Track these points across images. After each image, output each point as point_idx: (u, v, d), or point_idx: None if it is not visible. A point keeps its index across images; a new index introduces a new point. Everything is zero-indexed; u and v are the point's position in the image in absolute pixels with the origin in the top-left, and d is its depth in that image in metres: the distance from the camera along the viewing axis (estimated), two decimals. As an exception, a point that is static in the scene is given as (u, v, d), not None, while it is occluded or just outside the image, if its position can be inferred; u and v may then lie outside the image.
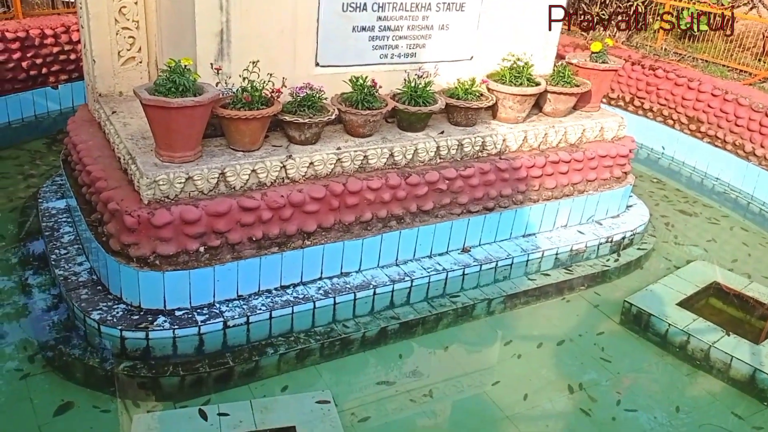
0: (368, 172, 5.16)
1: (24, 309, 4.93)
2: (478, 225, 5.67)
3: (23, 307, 4.95)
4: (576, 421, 4.48)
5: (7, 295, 5.09)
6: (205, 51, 4.70)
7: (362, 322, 4.99)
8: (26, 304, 4.97)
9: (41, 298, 4.98)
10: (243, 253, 4.72)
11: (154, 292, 4.52)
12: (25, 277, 5.24)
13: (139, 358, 4.42)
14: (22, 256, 5.52)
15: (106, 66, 5.52)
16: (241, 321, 4.64)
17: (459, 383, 4.72)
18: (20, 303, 4.99)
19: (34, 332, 4.71)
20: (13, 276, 5.30)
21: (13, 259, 5.51)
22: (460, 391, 4.66)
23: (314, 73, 5.18)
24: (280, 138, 5.05)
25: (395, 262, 5.38)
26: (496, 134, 5.66)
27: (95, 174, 4.83)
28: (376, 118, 5.18)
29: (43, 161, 7.27)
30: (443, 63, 5.68)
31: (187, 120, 4.39)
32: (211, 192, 4.61)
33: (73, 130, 5.59)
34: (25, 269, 5.34)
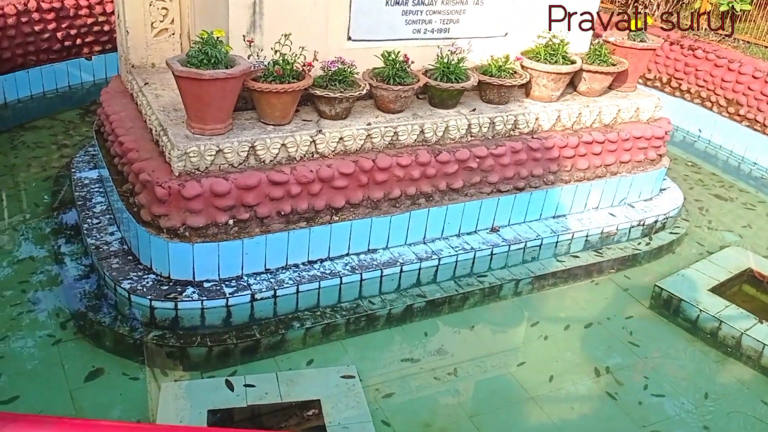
0: (398, 148, 5.12)
1: (56, 277, 5.02)
2: (507, 205, 5.61)
3: (56, 275, 5.03)
4: (602, 404, 4.45)
5: (40, 262, 5.18)
6: (237, 23, 4.68)
7: (388, 299, 4.98)
8: (59, 272, 5.05)
9: (73, 267, 5.05)
10: (271, 227, 4.73)
11: (183, 264, 4.56)
12: (58, 245, 5.32)
13: (168, 327, 4.48)
14: (55, 225, 5.61)
15: (139, 37, 5.53)
16: (268, 294, 4.67)
17: (484, 363, 4.71)
18: (53, 271, 5.08)
19: (66, 300, 4.79)
20: (47, 244, 5.39)
21: (47, 227, 5.60)
22: (484, 371, 4.65)
23: (346, 47, 5.13)
24: (311, 112, 5.02)
25: (423, 240, 5.35)
26: (528, 113, 5.57)
27: (127, 145, 4.87)
28: (408, 94, 5.12)
29: (76, 131, 7.35)
30: (477, 39, 5.58)
31: (218, 92, 4.38)
32: (240, 165, 4.62)
33: (106, 101, 5.63)
34: (57, 238, 5.43)
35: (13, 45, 7.16)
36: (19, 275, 5.04)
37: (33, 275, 5.05)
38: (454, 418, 4.27)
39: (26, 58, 7.37)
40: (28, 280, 4.99)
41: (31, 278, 5.01)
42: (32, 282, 4.97)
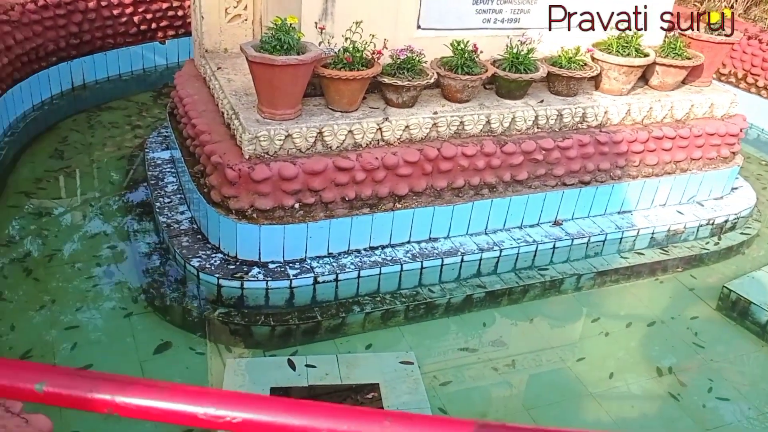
0: (463, 138, 5.12)
1: (129, 252, 5.22)
2: (572, 198, 5.54)
3: (128, 250, 5.24)
4: (664, 404, 4.38)
5: (113, 238, 5.40)
6: (309, 10, 4.75)
7: (448, 288, 5.01)
8: (131, 247, 5.26)
9: (144, 243, 5.25)
10: (335, 212, 4.81)
11: (250, 244, 4.68)
12: (130, 222, 5.54)
13: (234, 306, 4.62)
14: (128, 202, 5.83)
15: (213, 22, 5.67)
16: (330, 278, 4.75)
17: (542, 356, 4.69)
18: (125, 246, 5.29)
19: (137, 274, 4.98)
20: (119, 220, 5.61)
21: (120, 204, 5.83)
22: (542, 364, 4.63)
23: (415, 35, 5.15)
24: (377, 100, 5.07)
25: (485, 231, 5.35)
26: (597, 106, 5.48)
27: (200, 127, 5.01)
28: (475, 84, 5.11)
29: (149, 113, 7.59)
30: (545, 29, 5.51)
31: (289, 78, 4.47)
32: (308, 150, 4.70)
33: (180, 84, 5.80)
34: (130, 215, 5.64)
35: (93, 28, 7.43)
36: (93, 249, 5.27)
37: (106, 249, 5.27)
38: (511, 409, 4.28)
39: (104, 41, 7.64)
40: (101, 254, 5.21)
41: (104, 252, 5.24)
42: (105, 256, 5.19)
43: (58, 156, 6.48)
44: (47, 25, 6.89)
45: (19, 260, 5.03)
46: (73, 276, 4.96)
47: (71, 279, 4.94)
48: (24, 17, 6.55)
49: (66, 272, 5.01)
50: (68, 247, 5.26)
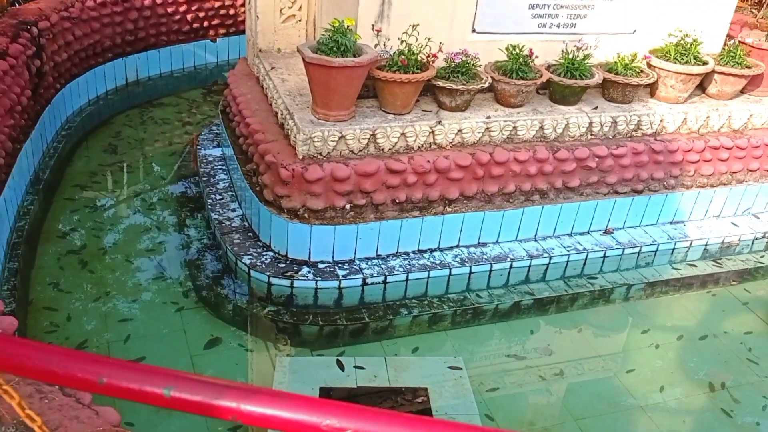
0: (516, 143, 5.08)
1: (180, 247, 5.30)
2: (624, 207, 5.46)
3: (180, 245, 5.32)
4: (716, 420, 4.28)
5: (165, 233, 5.49)
6: (366, 12, 4.76)
7: (496, 294, 4.98)
8: (183, 242, 5.34)
9: (196, 239, 5.33)
10: (386, 214, 4.82)
11: (300, 244, 4.72)
12: (182, 217, 5.63)
13: (283, 304, 4.66)
14: (180, 198, 5.92)
15: (268, 22, 5.72)
16: (378, 279, 4.76)
17: (591, 366, 4.63)
18: (177, 241, 5.37)
19: (189, 270, 5.06)
20: (172, 216, 5.70)
21: (172, 200, 5.93)
22: (591, 374, 4.57)
23: (469, 39, 5.12)
24: (430, 103, 5.06)
25: (534, 237, 5.30)
26: (653, 113, 5.39)
27: (254, 126, 5.07)
28: (530, 89, 5.07)
29: (199, 110, 7.69)
30: (603, 35, 5.44)
31: (345, 80, 4.49)
32: (360, 152, 4.72)
33: (233, 83, 5.87)
34: (181, 210, 5.73)
35: (148, 25, 7.57)
36: (145, 243, 5.37)
37: (158, 244, 5.36)
38: (559, 419, 4.23)
39: (158, 38, 7.78)
40: (153, 249, 5.31)
41: (156, 247, 5.33)
42: (157, 251, 5.28)
43: (111, 150, 6.61)
44: (105, 22, 7.04)
45: (75, 252, 5.15)
46: (126, 269, 5.06)
47: (124, 272, 5.03)
48: (83, 14, 6.69)
49: (119, 265, 5.11)
50: (121, 241, 5.36)
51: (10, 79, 5.09)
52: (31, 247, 5.06)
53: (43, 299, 4.67)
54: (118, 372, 0.90)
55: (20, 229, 5.08)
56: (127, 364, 0.96)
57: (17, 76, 5.26)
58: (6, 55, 5.14)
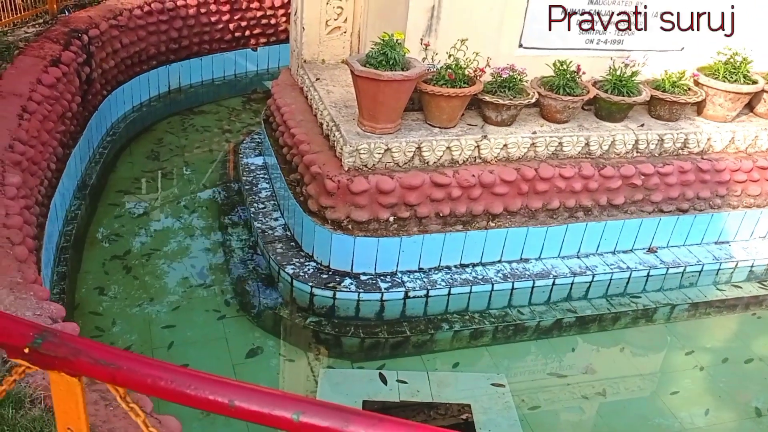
0: (561, 159, 5.05)
1: (222, 254, 5.34)
2: (668, 225, 5.39)
3: (222, 253, 5.36)
4: (764, 447, 4.20)
5: (207, 240, 5.54)
6: (415, 26, 4.77)
7: (538, 311, 4.94)
8: (225, 250, 5.38)
9: (238, 247, 5.37)
10: (429, 228, 4.81)
11: (343, 255, 4.73)
12: (224, 225, 5.67)
13: (325, 315, 4.67)
14: (222, 206, 5.97)
15: (313, 34, 5.76)
16: (420, 293, 4.75)
17: (634, 386, 4.57)
18: (219, 249, 5.42)
19: (231, 278, 5.10)
20: (214, 223, 5.75)
21: (214, 207, 5.98)
22: (634, 394, 4.51)
23: (516, 54, 5.11)
24: (475, 117, 5.05)
25: (577, 254, 5.25)
26: (700, 132, 5.32)
27: (299, 137, 5.10)
28: (576, 105, 5.04)
29: (238, 118, 7.77)
30: (651, 52, 5.39)
31: (393, 93, 4.50)
32: (405, 165, 4.72)
33: (277, 93, 5.91)
34: (224, 218, 5.77)
35: (192, 34, 7.67)
36: (187, 250, 5.42)
37: (200, 251, 5.41)
38: (603, 440, 4.18)
39: (201, 46, 7.88)
40: (196, 255, 5.36)
41: (199, 255, 5.38)
42: (200, 258, 5.33)
43: (154, 157, 6.69)
44: (150, 30, 7.15)
45: (120, 257, 5.21)
46: (168, 275, 5.11)
47: (167, 278, 5.09)
48: (130, 22, 6.81)
49: (162, 271, 5.16)
50: (164, 247, 5.42)
51: (63, 86, 5.19)
52: (78, 251, 5.14)
53: (89, 303, 4.73)
54: (248, 396, 0.90)
55: (68, 233, 5.16)
56: (256, 389, 0.96)
57: (69, 83, 5.36)
58: (59, 63, 5.25)
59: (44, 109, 4.71)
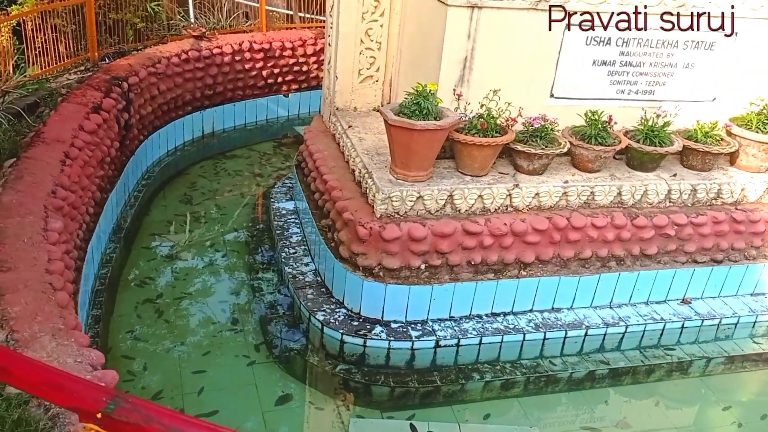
0: (593, 208, 5.03)
1: (253, 299, 5.37)
2: (703, 276, 5.32)
3: (253, 298, 5.39)
4: None
5: (238, 284, 5.58)
6: (447, 76, 4.85)
7: (570, 362, 4.87)
8: (255, 295, 5.40)
9: (269, 292, 5.39)
10: (460, 276, 4.80)
11: (374, 302, 4.72)
12: (255, 269, 5.71)
13: (355, 363, 4.64)
14: (253, 250, 6.02)
15: (346, 83, 5.87)
16: (451, 342, 4.72)
17: (671, 442, 4.46)
18: (250, 293, 5.45)
19: (261, 323, 5.11)
20: (245, 267, 5.80)
21: (245, 251, 6.03)
22: (671, 451, 4.40)
23: (547, 103, 5.15)
24: (507, 165, 5.07)
25: (609, 305, 5.19)
26: (734, 182, 5.29)
27: (331, 183, 5.15)
28: (608, 155, 5.04)
29: (269, 163, 7.88)
30: (682, 102, 5.40)
31: (426, 142, 4.55)
32: (437, 212, 4.74)
33: (310, 139, 6.00)
34: (254, 262, 5.82)
35: (226, 80, 7.86)
36: (219, 294, 5.46)
37: (231, 295, 5.45)
38: (639, 498, 4.07)
39: (234, 92, 8.06)
40: (226, 300, 5.39)
41: (229, 298, 5.41)
42: (230, 302, 5.36)
43: (186, 200, 6.80)
44: (187, 77, 7.35)
45: (152, 301, 5.26)
46: (200, 320, 5.14)
47: (199, 323, 5.11)
48: (168, 69, 7.00)
49: (193, 315, 5.20)
50: (196, 291, 5.46)
51: (103, 131, 5.33)
52: (112, 294, 5.20)
53: (121, 347, 4.77)
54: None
55: (103, 276, 5.23)
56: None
57: (108, 129, 5.51)
58: (100, 109, 5.40)
59: (85, 155, 4.84)
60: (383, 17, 5.68)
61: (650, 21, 5.04)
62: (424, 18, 5.16)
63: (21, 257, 3.39)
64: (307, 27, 8.94)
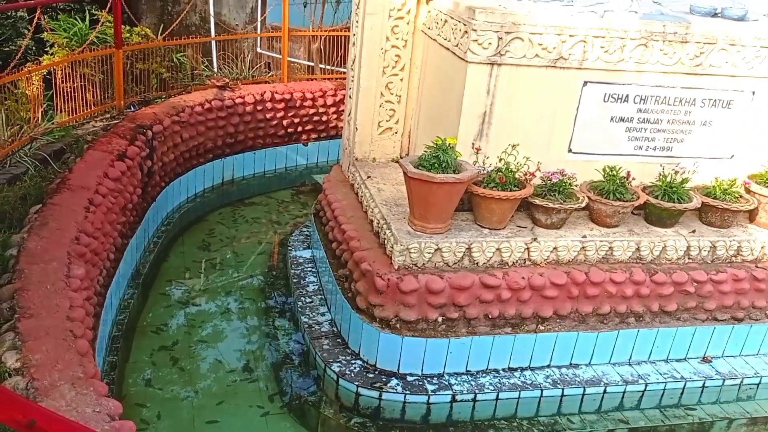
0: (611, 263, 5.01)
1: (268, 348, 5.35)
2: (723, 335, 5.24)
3: (268, 347, 5.37)
4: None
5: (254, 333, 5.57)
6: (466, 131, 4.91)
7: (588, 420, 4.79)
8: (270, 344, 5.39)
9: (284, 341, 5.38)
10: (477, 329, 4.77)
11: (390, 354, 4.69)
12: (271, 318, 5.71)
13: (370, 416, 4.59)
14: (270, 298, 6.03)
15: (366, 134, 5.96)
16: (468, 397, 4.66)
17: (693, 507, 4.34)
18: (265, 342, 5.44)
19: (276, 372, 5.09)
20: (261, 316, 5.80)
21: (262, 299, 6.04)
22: None
23: (566, 158, 5.19)
24: (524, 219, 5.08)
25: (628, 362, 5.12)
26: (753, 240, 5.26)
27: (349, 233, 5.18)
28: (626, 210, 5.05)
29: (287, 211, 7.95)
30: (700, 159, 5.42)
31: (445, 195, 4.59)
32: (455, 265, 4.74)
33: (329, 189, 6.06)
34: (270, 311, 5.82)
35: (247, 129, 8.01)
36: (234, 342, 5.45)
37: (247, 344, 5.44)
38: None
39: (255, 141, 8.20)
40: (241, 348, 5.38)
41: (244, 347, 5.40)
42: (245, 351, 5.34)
43: (204, 247, 6.85)
44: (209, 126, 7.49)
45: (167, 348, 5.26)
46: (215, 369, 5.12)
47: (213, 371, 5.09)
48: (192, 118, 7.15)
49: (208, 363, 5.18)
50: (211, 338, 5.46)
51: (126, 179, 5.42)
52: (128, 341, 5.21)
53: (136, 395, 4.75)
54: None
55: (120, 322, 5.26)
56: None
57: (132, 176, 5.60)
58: (125, 157, 5.51)
59: (109, 202, 4.92)
60: (404, 71, 5.79)
61: (667, 79, 5.11)
62: (444, 73, 5.26)
63: (43, 304, 3.42)
64: (328, 78, 9.13)
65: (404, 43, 5.71)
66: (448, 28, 5.07)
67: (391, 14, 5.61)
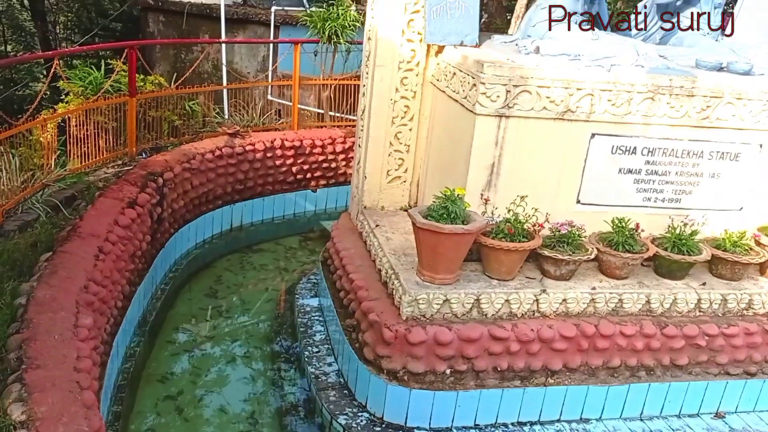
0: (621, 315, 4.97)
1: (274, 399, 5.29)
2: (736, 389, 5.16)
3: (274, 397, 5.31)
4: None
5: (261, 383, 5.52)
6: (475, 181, 4.94)
7: (599, 477, 4.69)
8: (277, 394, 5.33)
9: (290, 392, 5.32)
10: (486, 382, 4.71)
11: (398, 407, 4.63)
12: (277, 368, 5.66)
13: (376, 471, 4.51)
14: (277, 347, 5.99)
15: (375, 182, 6.00)
16: (476, 452, 4.59)
17: None
18: (272, 393, 5.38)
19: (282, 424, 5.02)
20: (268, 365, 5.75)
21: (268, 348, 6.00)
22: None
23: (574, 209, 5.20)
24: (533, 270, 5.07)
25: (640, 416, 5.03)
26: (765, 293, 5.21)
27: (357, 282, 5.17)
28: (636, 262, 5.03)
29: (295, 257, 7.94)
30: (709, 211, 5.42)
31: (454, 245, 4.59)
32: (463, 316, 4.71)
33: (337, 237, 6.07)
34: (278, 360, 5.77)
35: (257, 176, 8.07)
36: (240, 393, 5.39)
37: (253, 395, 5.37)
38: None
39: (264, 187, 8.25)
40: (248, 399, 5.32)
41: (250, 398, 5.34)
42: (251, 401, 5.28)
43: (212, 294, 6.84)
44: (219, 173, 7.56)
45: (172, 398, 5.21)
46: (220, 420, 5.06)
47: (218, 422, 5.03)
48: (202, 165, 7.22)
49: (213, 414, 5.12)
50: (217, 388, 5.40)
51: (136, 226, 5.46)
52: (133, 390, 5.17)
53: (140, 445, 4.69)
54: None
55: (125, 370, 5.22)
56: None
57: (142, 223, 5.64)
58: (135, 204, 5.55)
59: (118, 249, 4.94)
60: (413, 121, 5.86)
61: (675, 132, 5.15)
62: (452, 124, 5.31)
63: (51, 354, 3.41)
64: (337, 126, 9.23)
65: (413, 94, 5.78)
66: (457, 80, 5.14)
67: (400, 66, 5.70)
